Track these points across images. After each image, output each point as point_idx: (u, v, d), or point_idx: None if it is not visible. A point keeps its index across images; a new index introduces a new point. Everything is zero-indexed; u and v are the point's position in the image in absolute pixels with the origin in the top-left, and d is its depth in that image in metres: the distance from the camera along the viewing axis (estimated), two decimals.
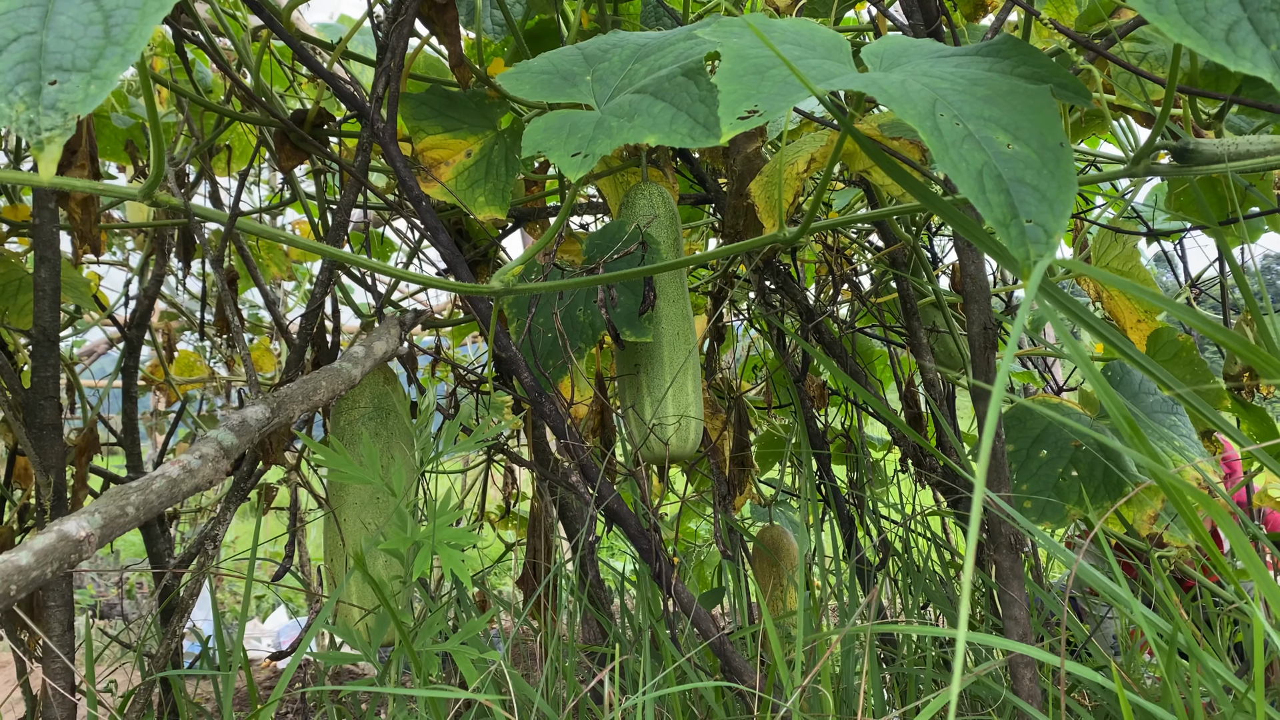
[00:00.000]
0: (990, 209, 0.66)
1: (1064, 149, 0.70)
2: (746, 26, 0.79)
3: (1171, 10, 0.64)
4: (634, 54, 0.88)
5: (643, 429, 1.38)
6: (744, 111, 0.71)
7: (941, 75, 0.76)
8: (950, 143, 0.68)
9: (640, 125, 0.77)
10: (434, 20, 1.36)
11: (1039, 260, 0.67)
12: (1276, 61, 0.61)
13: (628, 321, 1.34)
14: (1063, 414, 1.34)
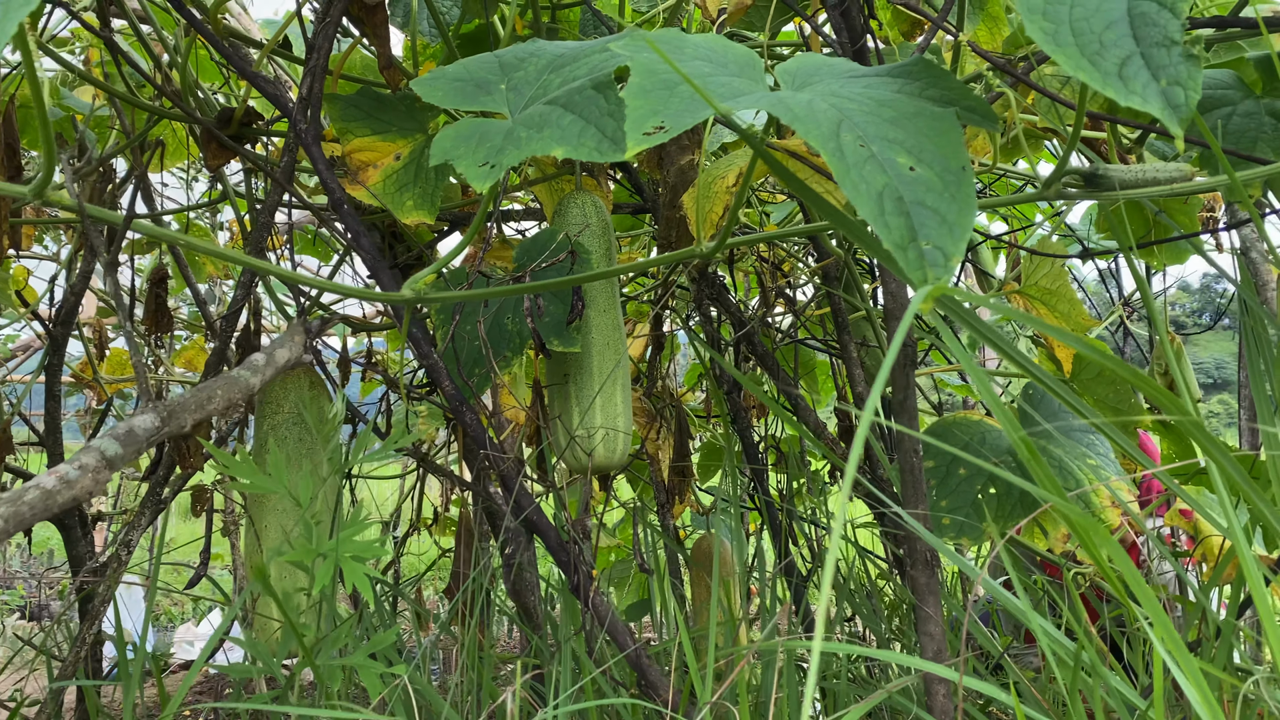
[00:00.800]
0: (889, 231, 0.66)
1: (965, 173, 0.70)
2: (660, 40, 0.79)
3: (1069, 43, 0.65)
4: (550, 64, 0.87)
5: (570, 439, 1.37)
6: (650, 127, 0.71)
7: (850, 96, 0.76)
8: (852, 164, 0.68)
9: (549, 137, 0.76)
10: (363, 21, 1.34)
11: (937, 283, 0.67)
12: (1166, 97, 0.62)
13: (555, 331, 1.33)
14: (983, 430, 1.35)
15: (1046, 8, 0.67)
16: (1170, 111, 0.62)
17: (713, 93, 0.74)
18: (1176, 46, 0.63)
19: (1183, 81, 0.62)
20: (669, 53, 0.79)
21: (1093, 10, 0.66)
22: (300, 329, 1.00)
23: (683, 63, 0.77)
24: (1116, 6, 0.66)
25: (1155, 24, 0.64)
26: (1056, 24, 0.66)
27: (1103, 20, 0.66)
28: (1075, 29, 0.66)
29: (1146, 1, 0.65)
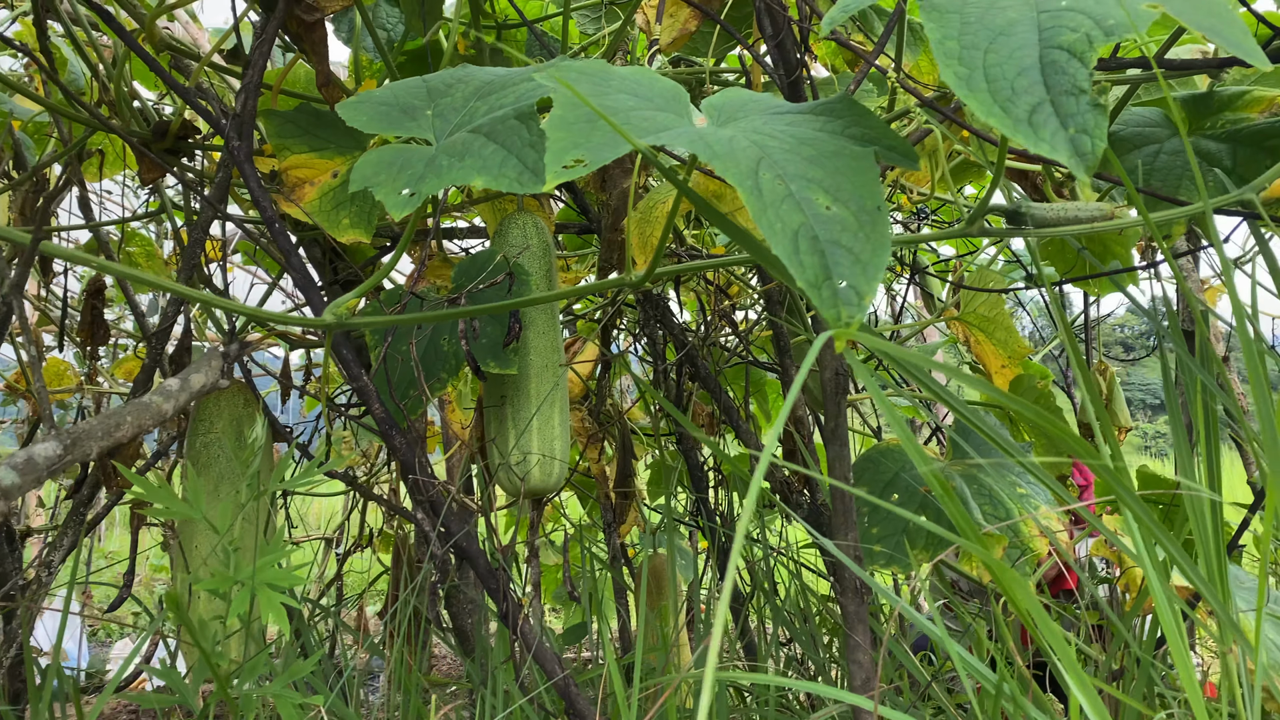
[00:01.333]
0: (803, 270, 0.67)
1: (880, 213, 0.71)
2: (584, 73, 0.79)
3: (981, 89, 0.66)
4: (477, 91, 0.87)
5: (505, 463, 1.36)
6: (570, 160, 0.70)
7: (773, 133, 0.77)
8: (769, 203, 0.69)
9: (470, 166, 0.76)
10: (302, 38, 1.33)
11: (850, 322, 0.68)
12: (1073, 145, 0.63)
13: (492, 353, 1.32)
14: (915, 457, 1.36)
15: (962, 53, 0.68)
16: (1077, 159, 0.63)
17: (636, 127, 0.74)
18: (1085, 95, 0.64)
19: (1090, 130, 0.63)
20: (594, 85, 0.79)
21: (1006, 57, 0.67)
22: (218, 354, 0.98)
23: (607, 96, 0.77)
24: (1029, 54, 0.67)
25: (1065, 72, 0.65)
26: (971, 69, 0.67)
27: (1015, 67, 0.66)
28: (989, 75, 0.67)
29: (1057, 50, 0.66)
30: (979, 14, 0.70)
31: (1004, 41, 0.68)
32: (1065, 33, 0.67)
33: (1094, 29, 0.66)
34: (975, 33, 0.69)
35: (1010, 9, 0.71)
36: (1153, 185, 1.28)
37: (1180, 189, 1.28)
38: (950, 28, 0.69)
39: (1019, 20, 0.69)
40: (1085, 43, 0.65)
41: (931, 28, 0.70)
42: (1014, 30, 0.69)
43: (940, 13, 0.70)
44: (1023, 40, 0.68)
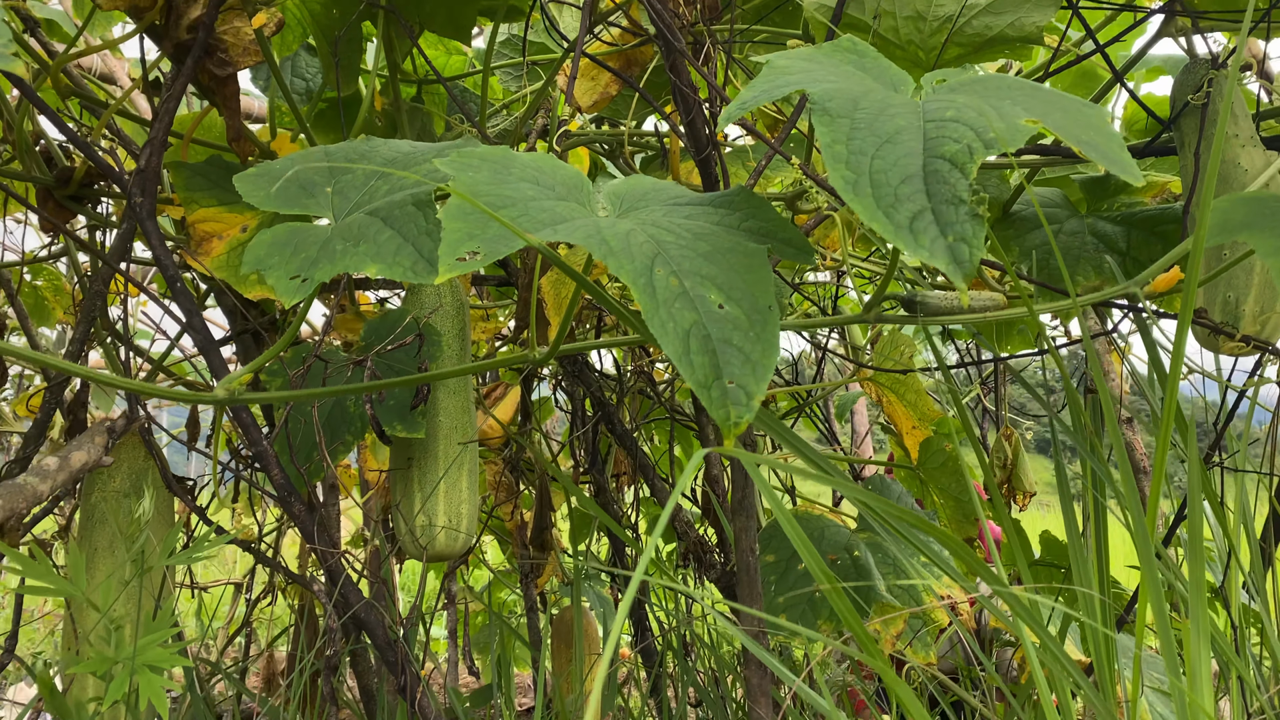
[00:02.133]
0: (693, 370, 0.67)
1: (772, 311, 0.72)
2: (486, 159, 0.79)
3: (867, 194, 0.67)
4: (379, 169, 0.86)
5: (412, 526, 1.34)
6: (465, 253, 0.70)
7: (671, 226, 0.77)
8: (662, 301, 0.69)
9: (364, 253, 0.75)
10: (214, 91, 1.31)
11: (739, 422, 0.68)
12: (952, 253, 0.65)
13: (399, 415, 1.30)
14: (822, 526, 1.38)
15: (850, 157, 0.70)
16: (955, 267, 0.64)
17: (534, 219, 0.74)
18: (964, 205, 0.66)
19: (968, 239, 0.65)
20: (496, 172, 0.79)
21: (891, 163, 0.69)
22: (102, 430, 0.95)
23: (507, 184, 0.77)
24: (914, 162, 0.69)
25: (947, 182, 0.67)
26: (858, 174, 0.69)
27: (900, 174, 0.68)
28: (874, 180, 0.68)
29: (940, 160, 0.68)
30: (868, 120, 0.72)
31: (890, 149, 0.70)
32: (948, 143, 0.69)
33: (975, 141, 0.68)
34: (863, 138, 0.71)
35: (898, 116, 0.73)
36: (1051, 264, 1.32)
37: (1079, 268, 1.32)
38: (840, 132, 0.71)
39: (906, 128, 0.71)
40: (967, 154, 0.67)
41: (822, 131, 0.71)
42: (900, 138, 0.70)
43: (831, 117, 0.72)
44: (908, 148, 0.70)
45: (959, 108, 0.72)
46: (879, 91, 0.78)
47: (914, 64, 1.29)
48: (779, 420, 0.96)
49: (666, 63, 1.09)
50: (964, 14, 1.20)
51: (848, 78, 0.82)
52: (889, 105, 0.74)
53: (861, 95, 0.76)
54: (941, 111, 0.72)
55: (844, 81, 0.79)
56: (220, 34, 1.29)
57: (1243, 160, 1.06)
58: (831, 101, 0.73)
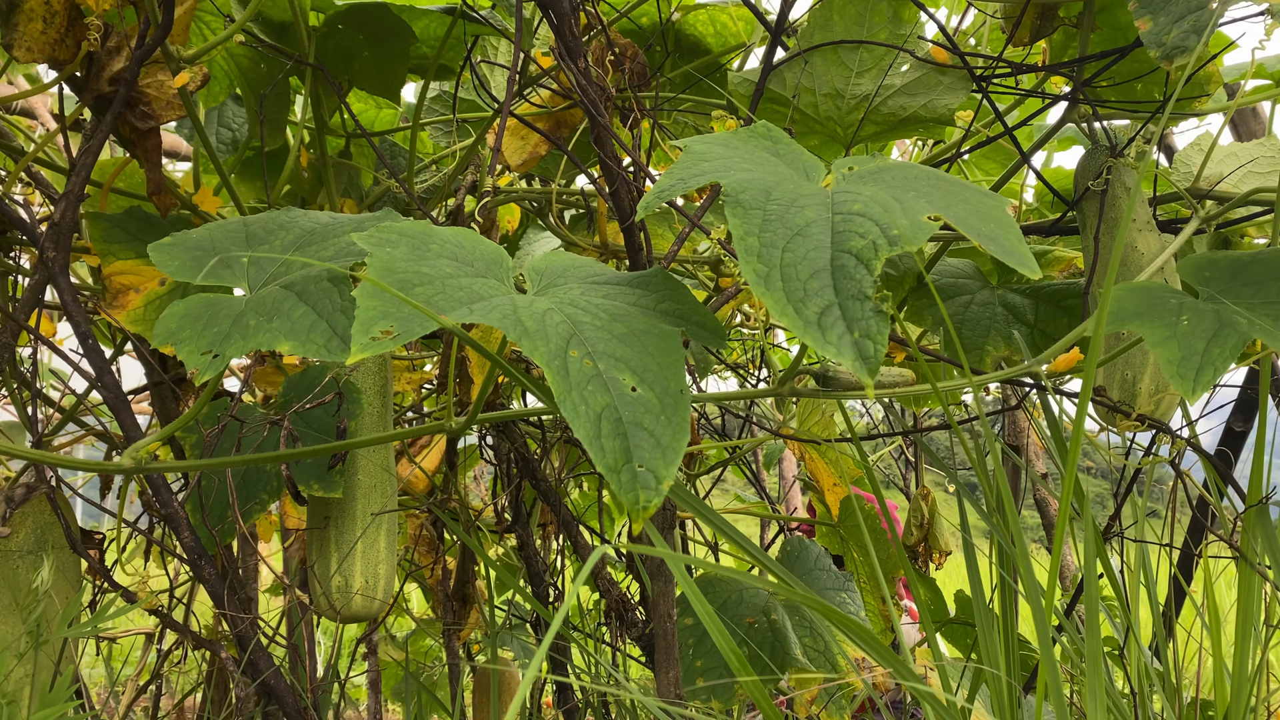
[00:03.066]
0: (603, 455, 0.68)
1: (684, 395, 0.73)
2: (405, 234, 0.79)
3: (778, 288, 0.69)
4: (298, 240, 0.86)
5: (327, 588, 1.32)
6: (378, 331, 0.70)
7: (587, 306, 0.78)
8: (575, 384, 0.70)
9: (278, 329, 0.75)
10: (135, 144, 1.29)
11: (647, 506, 0.69)
12: (858, 349, 0.67)
13: (316, 474, 1.29)
14: (740, 588, 1.39)
15: (762, 250, 0.72)
16: (861, 363, 0.66)
17: (450, 297, 0.75)
18: (869, 301, 0.68)
19: (872, 335, 0.67)
20: (414, 248, 0.79)
21: (801, 257, 0.71)
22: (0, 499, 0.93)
23: (425, 260, 0.78)
24: (823, 256, 0.71)
25: (853, 278, 0.69)
26: (769, 267, 0.71)
27: (809, 268, 0.70)
28: (785, 274, 0.70)
29: (847, 255, 0.70)
30: (780, 212, 0.74)
31: (800, 241, 0.72)
32: (855, 238, 0.71)
33: (880, 238, 0.70)
34: (775, 230, 0.73)
35: (809, 208, 0.75)
36: (964, 334, 1.37)
37: (989, 339, 1.36)
38: (752, 224, 0.73)
39: (816, 220, 0.74)
40: (872, 250, 0.70)
41: (735, 224, 0.73)
42: (810, 231, 0.73)
43: (744, 209, 0.74)
44: (817, 241, 0.72)
45: (866, 201, 0.74)
46: (791, 180, 0.81)
47: (832, 139, 1.33)
48: (696, 497, 0.97)
49: (592, 135, 1.11)
50: (880, 94, 1.24)
51: (762, 164, 0.84)
52: (800, 196, 0.77)
53: (774, 185, 0.78)
54: (849, 204, 0.75)
55: (758, 169, 0.82)
56: (143, 87, 1.28)
57: (1139, 244, 1.11)
58: (745, 193, 0.75)
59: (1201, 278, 0.90)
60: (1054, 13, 1.19)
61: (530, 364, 2.08)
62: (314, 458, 1.29)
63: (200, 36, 1.43)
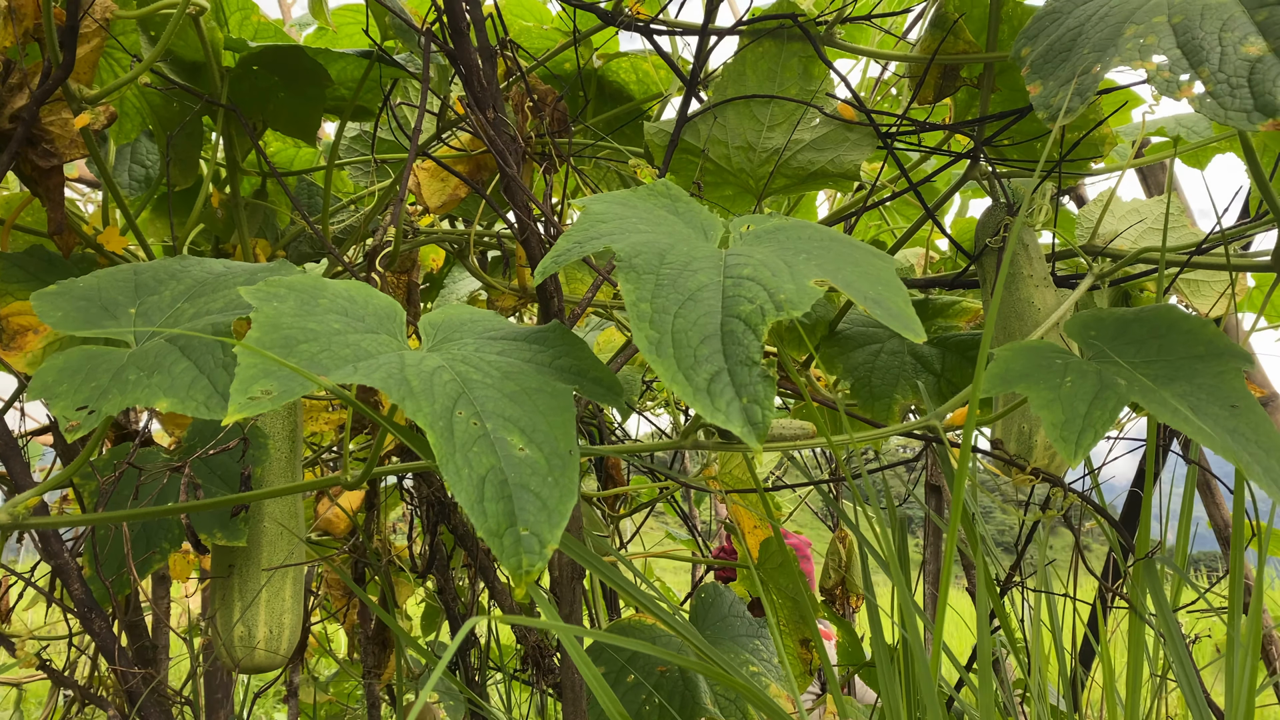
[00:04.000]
0: (485, 519, 0.67)
1: (572, 456, 0.73)
2: (294, 289, 0.78)
3: (669, 354, 0.70)
4: (188, 291, 0.84)
5: (229, 637, 1.29)
6: (258, 390, 0.69)
7: (480, 363, 0.78)
8: (459, 445, 0.69)
9: (157, 384, 0.73)
10: (36, 182, 1.26)
11: (530, 570, 0.68)
12: (746, 414, 0.67)
13: (219, 522, 1.26)
14: (654, 635, 1.38)
15: (654, 316, 0.72)
16: (749, 428, 0.67)
17: (336, 354, 0.74)
18: (757, 366, 0.69)
19: (760, 400, 0.68)
20: (303, 303, 0.78)
21: (693, 322, 0.71)
22: None
23: (313, 316, 0.77)
24: (713, 321, 0.71)
25: (741, 343, 0.70)
26: (661, 333, 0.71)
27: (700, 334, 0.71)
28: (676, 340, 0.70)
29: (736, 319, 0.71)
30: (673, 276, 0.75)
31: (692, 306, 0.72)
32: (743, 303, 0.72)
33: (768, 302, 0.71)
34: (667, 295, 0.73)
35: (702, 271, 0.76)
36: (873, 383, 1.39)
37: (898, 387, 1.38)
38: (645, 289, 0.73)
39: (708, 285, 0.74)
40: (759, 315, 0.71)
41: (627, 289, 0.73)
42: (702, 295, 0.73)
43: (637, 274, 0.74)
44: (709, 306, 0.72)
45: (756, 265, 0.75)
46: (687, 241, 0.82)
47: (745, 190, 1.35)
48: (600, 559, 0.96)
49: (502, 185, 1.11)
50: (790, 148, 1.26)
51: (659, 225, 0.85)
52: (694, 259, 0.77)
53: (669, 248, 0.79)
54: (740, 268, 0.75)
55: (654, 231, 0.82)
56: (46, 125, 1.25)
57: (1036, 300, 1.15)
58: (638, 258, 0.76)
59: (1087, 337, 0.93)
60: (956, 73, 1.22)
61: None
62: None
63: (111, 73, 1.41)
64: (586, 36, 1.46)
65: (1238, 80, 0.86)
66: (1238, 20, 0.90)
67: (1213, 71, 0.87)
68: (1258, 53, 0.87)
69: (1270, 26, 0.88)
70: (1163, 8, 0.94)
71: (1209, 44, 0.89)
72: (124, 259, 1.35)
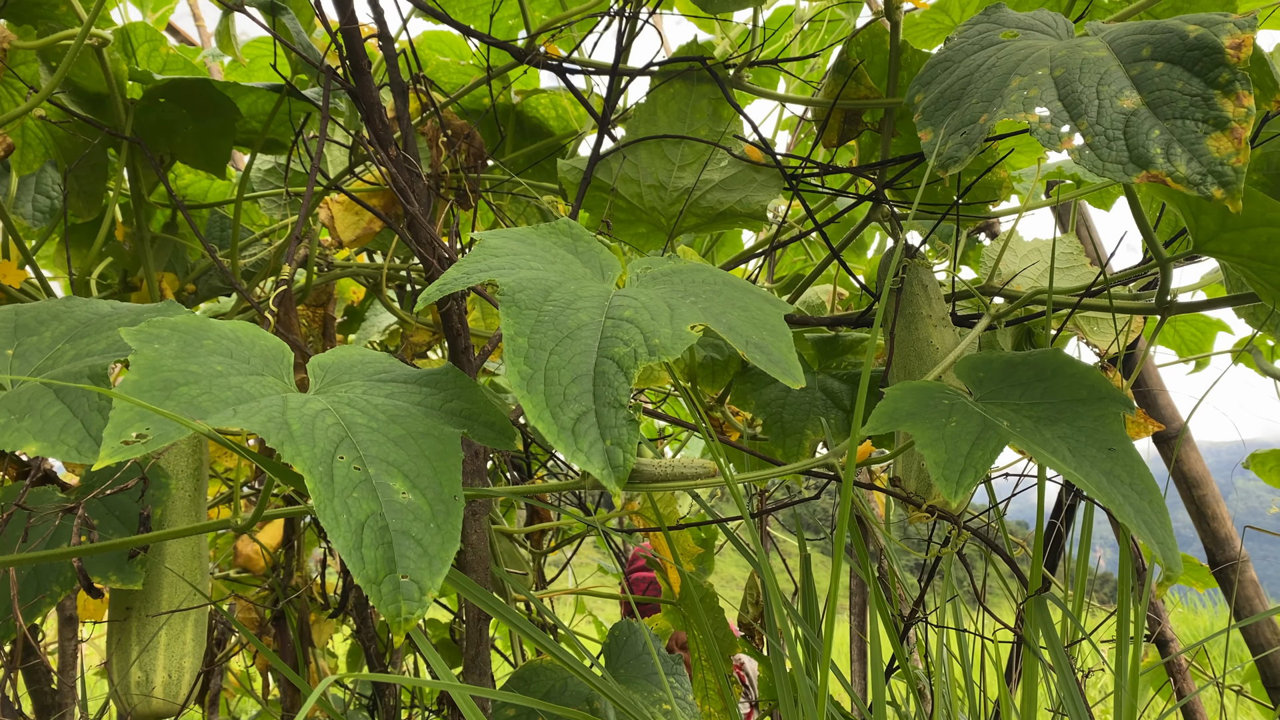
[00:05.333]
0: (362, 566, 0.67)
1: (456, 502, 0.72)
2: (177, 329, 0.77)
3: (539, 391, 0.70)
4: (70, 332, 0.83)
5: (125, 683, 1.25)
6: (132, 435, 0.68)
7: (366, 406, 0.77)
8: (339, 491, 0.69)
9: (28, 428, 0.71)
10: None
11: (409, 618, 0.68)
12: (608, 456, 0.67)
13: (114, 564, 1.22)
14: (565, 677, 1.37)
15: (530, 352, 0.72)
16: (609, 470, 0.67)
17: (217, 397, 0.73)
18: (623, 409, 0.69)
19: (623, 443, 0.68)
20: (185, 344, 0.77)
21: (566, 361, 0.72)
22: None
23: (195, 358, 0.76)
24: (587, 361, 0.72)
25: (611, 384, 0.70)
26: (534, 369, 0.71)
27: (572, 373, 0.71)
28: (548, 378, 0.71)
29: (609, 360, 0.71)
30: (554, 313, 0.75)
31: (568, 345, 0.73)
32: (618, 344, 0.72)
33: (642, 346, 0.72)
34: (546, 332, 0.73)
35: (584, 310, 0.76)
36: (785, 418, 1.40)
37: (808, 422, 1.40)
38: (524, 324, 0.73)
39: (588, 324, 0.75)
40: (632, 358, 0.71)
41: (507, 323, 0.73)
42: (580, 334, 0.73)
43: (519, 309, 0.74)
44: (584, 346, 0.73)
45: (638, 307, 0.76)
46: (576, 280, 0.82)
47: (657, 228, 1.36)
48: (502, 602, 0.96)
49: (405, 220, 1.11)
50: (700, 187, 1.28)
51: (553, 262, 0.85)
52: (579, 298, 0.78)
53: (556, 285, 0.79)
54: (622, 309, 0.76)
55: (546, 268, 0.83)
56: None
57: (934, 339, 1.17)
58: (522, 293, 0.76)
59: (975, 378, 0.95)
60: (859, 117, 1.25)
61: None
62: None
63: (11, 102, 1.38)
64: (502, 72, 1.46)
65: (1114, 133, 0.89)
66: (1114, 74, 0.93)
67: (1091, 124, 0.90)
68: (1132, 106, 0.90)
69: (1144, 81, 0.92)
70: (1045, 60, 0.98)
71: (1087, 97, 0.92)
72: (21, 295, 1.31)
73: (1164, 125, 0.90)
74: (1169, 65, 0.93)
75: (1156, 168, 0.87)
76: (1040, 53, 1.00)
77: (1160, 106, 0.91)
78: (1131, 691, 0.91)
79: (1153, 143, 0.88)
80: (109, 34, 1.24)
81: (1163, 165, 0.87)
